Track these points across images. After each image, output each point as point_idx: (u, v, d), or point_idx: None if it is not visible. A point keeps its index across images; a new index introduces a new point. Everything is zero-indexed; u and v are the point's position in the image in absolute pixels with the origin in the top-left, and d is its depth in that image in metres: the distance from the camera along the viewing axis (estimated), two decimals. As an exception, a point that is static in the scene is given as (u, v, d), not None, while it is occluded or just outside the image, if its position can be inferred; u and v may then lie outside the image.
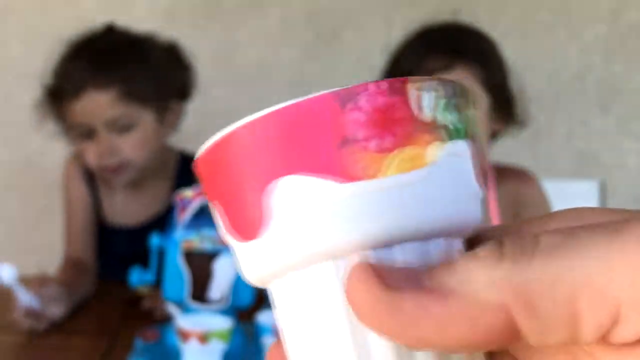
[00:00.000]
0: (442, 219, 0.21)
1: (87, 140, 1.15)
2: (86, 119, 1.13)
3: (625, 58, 1.79)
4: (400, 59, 1.13)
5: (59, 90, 1.15)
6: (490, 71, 1.10)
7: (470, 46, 1.11)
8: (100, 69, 1.13)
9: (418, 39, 1.13)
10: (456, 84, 0.23)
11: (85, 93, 1.11)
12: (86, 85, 1.11)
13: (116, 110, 1.12)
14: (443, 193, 0.21)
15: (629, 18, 1.77)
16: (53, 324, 0.99)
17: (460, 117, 0.22)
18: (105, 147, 1.13)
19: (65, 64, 1.16)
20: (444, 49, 1.08)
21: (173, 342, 0.83)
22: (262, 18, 1.79)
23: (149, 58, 1.18)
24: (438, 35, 1.12)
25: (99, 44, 1.17)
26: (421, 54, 1.09)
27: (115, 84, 1.12)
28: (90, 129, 1.13)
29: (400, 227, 0.21)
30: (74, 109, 1.13)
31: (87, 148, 1.15)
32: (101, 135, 1.13)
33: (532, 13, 1.77)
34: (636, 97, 1.82)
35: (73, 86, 1.12)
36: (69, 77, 1.14)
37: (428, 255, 0.21)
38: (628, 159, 1.84)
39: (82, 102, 1.12)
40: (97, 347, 0.92)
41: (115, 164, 1.15)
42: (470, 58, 1.08)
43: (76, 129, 1.15)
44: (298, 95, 0.20)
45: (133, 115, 1.14)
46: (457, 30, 1.15)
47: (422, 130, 0.21)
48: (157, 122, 1.19)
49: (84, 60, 1.14)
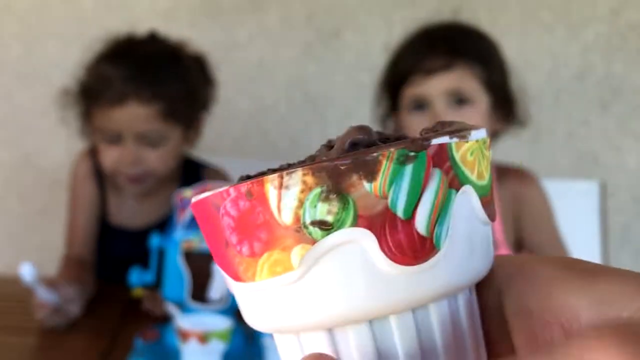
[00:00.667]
0: (325, 315, 0.21)
1: (111, 144, 1.14)
2: (119, 127, 1.12)
3: (625, 58, 1.79)
4: (400, 58, 1.14)
5: (98, 92, 1.13)
6: (490, 70, 1.10)
7: (470, 45, 1.11)
8: (144, 82, 1.11)
9: (418, 38, 1.13)
10: (335, 170, 0.20)
11: (126, 104, 1.10)
12: (129, 95, 1.10)
13: (153, 126, 1.12)
14: (318, 292, 0.21)
15: (628, 18, 1.77)
16: (77, 321, 1.01)
17: (340, 205, 0.20)
18: (131, 157, 1.13)
19: (107, 67, 1.14)
20: (443, 49, 1.08)
21: (173, 342, 0.83)
22: (262, 18, 1.79)
23: (186, 75, 1.18)
24: (438, 35, 1.12)
25: (142, 53, 1.16)
26: (421, 53, 1.09)
27: (158, 100, 1.11)
28: (118, 136, 1.13)
29: (287, 322, 0.22)
30: (109, 115, 1.11)
31: (108, 151, 1.14)
32: (128, 144, 1.13)
33: (532, 13, 1.77)
34: (636, 97, 1.82)
35: (115, 93, 1.11)
36: (110, 82, 1.11)
37: (334, 343, 0.22)
38: (628, 158, 1.84)
39: (121, 111, 1.11)
40: (97, 347, 0.92)
41: (137, 174, 1.15)
42: (470, 57, 1.08)
43: (104, 132, 1.14)
44: (298, 95, 0.20)
45: (166, 132, 1.14)
46: (457, 29, 1.15)
47: (285, 233, 0.21)
48: (183, 137, 1.20)
49: (128, 68, 1.12)
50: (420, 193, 0.21)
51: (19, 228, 1.85)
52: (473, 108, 1.08)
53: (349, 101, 1.83)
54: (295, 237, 0.20)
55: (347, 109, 1.84)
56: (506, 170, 1.18)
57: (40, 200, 1.84)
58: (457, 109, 1.07)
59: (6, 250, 1.84)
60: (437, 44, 1.09)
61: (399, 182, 0.20)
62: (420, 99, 1.08)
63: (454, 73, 1.07)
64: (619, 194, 1.85)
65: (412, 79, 1.08)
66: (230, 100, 1.77)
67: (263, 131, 1.82)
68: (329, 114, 1.84)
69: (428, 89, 1.07)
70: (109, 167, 1.16)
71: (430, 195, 0.21)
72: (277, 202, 0.20)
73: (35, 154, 1.83)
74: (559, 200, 1.21)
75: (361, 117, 1.87)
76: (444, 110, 1.06)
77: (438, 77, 1.06)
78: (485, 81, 1.09)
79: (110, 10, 1.79)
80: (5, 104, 1.81)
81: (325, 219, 0.20)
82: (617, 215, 1.85)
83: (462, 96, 1.07)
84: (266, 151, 1.84)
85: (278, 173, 0.20)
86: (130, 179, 1.15)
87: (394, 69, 1.14)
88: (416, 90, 1.08)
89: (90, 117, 1.16)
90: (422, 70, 1.07)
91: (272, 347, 0.80)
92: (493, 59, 1.12)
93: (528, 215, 1.17)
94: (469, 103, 1.07)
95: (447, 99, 1.07)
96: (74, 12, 1.78)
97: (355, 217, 0.20)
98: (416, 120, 1.09)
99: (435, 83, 1.06)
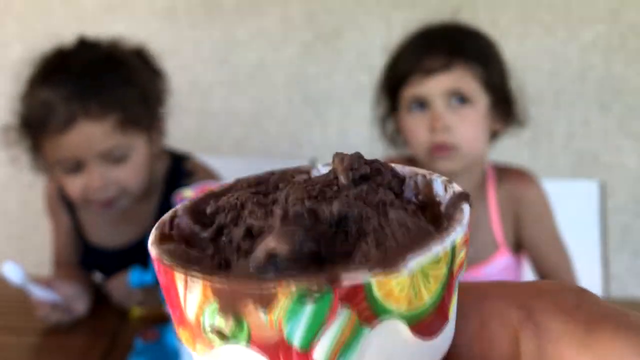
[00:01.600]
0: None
1: (72, 173, 1.03)
2: (76, 153, 1.00)
3: (625, 58, 1.79)
4: (399, 58, 1.13)
5: (42, 121, 1.00)
6: (489, 70, 1.10)
7: (469, 45, 1.11)
8: (88, 96, 0.99)
9: (417, 38, 1.13)
10: (232, 293, 0.19)
11: (76, 125, 0.98)
12: (76, 117, 0.98)
13: (112, 141, 1.01)
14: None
15: (628, 18, 1.77)
16: (77, 321, 1.01)
17: (235, 324, 0.19)
18: (98, 182, 1.02)
19: (43, 90, 1.02)
20: (443, 49, 1.08)
21: (172, 342, 0.84)
22: (261, 18, 1.79)
23: (131, 74, 1.06)
24: (437, 35, 1.12)
25: (76, 64, 1.03)
26: (420, 53, 1.09)
27: (109, 112, 1.00)
28: (78, 162, 1.01)
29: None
30: (60, 143, 0.99)
31: (71, 182, 1.03)
32: (92, 168, 1.01)
33: (532, 13, 1.77)
34: (636, 97, 1.82)
35: (61, 118, 0.99)
36: (52, 106, 0.99)
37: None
38: (628, 158, 1.84)
39: (71, 136, 0.99)
40: (97, 347, 0.92)
41: (109, 198, 1.04)
42: (470, 57, 1.08)
43: (62, 163, 1.02)
44: (297, 95, 0.20)
45: (129, 144, 1.03)
46: (456, 29, 1.15)
47: (191, 324, 0.20)
48: (148, 143, 1.08)
49: (66, 85, 1.00)
50: (322, 331, 0.19)
51: (19, 229, 1.85)
52: (472, 108, 1.08)
53: (349, 101, 1.84)
54: (198, 333, 0.20)
55: (346, 109, 1.85)
56: (506, 170, 1.19)
57: (40, 201, 1.84)
58: (456, 108, 1.07)
59: (6, 251, 1.84)
60: (436, 44, 1.09)
61: (297, 319, 0.18)
62: (419, 98, 1.08)
63: (453, 73, 1.07)
64: (619, 194, 1.85)
65: (411, 79, 1.08)
66: (230, 100, 1.78)
67: (263, 131, 1.82)
68: (329, 114, 1.85)
69: (427, 89, 1.07)
70: (78, 198, 1.04)
71: (333, 332, 0.19)
72: (184, 298, 0.20)
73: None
74: (559, 200, 1.21)
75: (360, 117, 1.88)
76: (443, 110, 1.06)
77: (437, 77, 1.06)
78: (484, 81, 1.09)
79: (110, 10, 1.79)
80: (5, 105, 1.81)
81: (222, 330, 0.19)
82: (617, 215, 1.86)
83: (461, 96, 1.07)
84: (266, 151, 1.84)
85: (184, 271, 0.19)
86: (103, 205, 1.05)
87: (393, 69, 1.14)
88: (415, 91, 1.08)
89: (42, 150, 1.03)
90: (422, 70, 1.07)
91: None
92: (492, 59, 1.12)
93: (528, 216, 1.17)
94: (468, 103, 1.07)
95: (447, 99, 1.07)
96: (75, 12, 1.78)
97: (249, 339, 0.19)
98: (416, 121, 1.09)
99: (434, 83, 1.06)
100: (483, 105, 1.09)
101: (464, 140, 1.07)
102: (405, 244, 0.20)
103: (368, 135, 1.84)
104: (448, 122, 1.06)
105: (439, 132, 1.06)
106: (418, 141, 1.09)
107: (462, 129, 1.07)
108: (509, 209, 1.17)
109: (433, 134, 1.07)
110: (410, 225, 0.21)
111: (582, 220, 1.48)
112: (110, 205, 1.05)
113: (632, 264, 1.89)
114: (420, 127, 1.08)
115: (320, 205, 0.22)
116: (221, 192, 0.25)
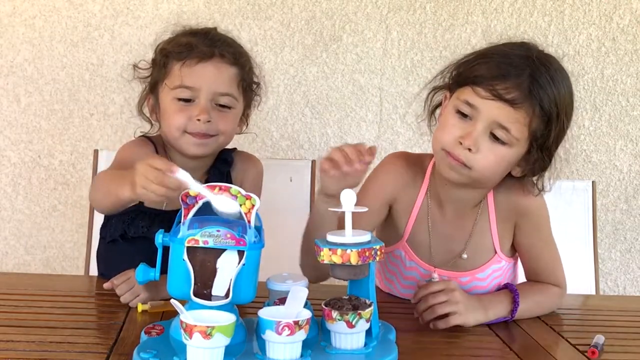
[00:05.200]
0: None
1: (183, 104, 1.17)
2: (199, 83, 1.17)
3: (616, 61, 1.81)
4: (482, 60, 1.08)
5: (185, 51, 1.17)
6: (549, 129, 1.05)
7: (548, 94, 1.04)
8: (226, 46, 1.20)
9: (503, 54, 1.07)
10: None
11: (212, 60, 1.17)
12: (214, 54, 1.17)
13: (230, 88, 1.19)
14: None
15: (619, 22, 1.79)
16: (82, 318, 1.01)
17: None
18: (205, 115, 1.16)
19: (186, 36, 1.21)
20: (522, 82, 1.02)
21: (177, 337, 0.84)
22: (263, 22, 1.82)
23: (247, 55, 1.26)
24: (521, 64, 1.05)
25: (214, 32, 1.23)
26: (500, 72, 1.04)
27: (238, 65, 1.20)
28: (193, 96, 1.17)
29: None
30: (190, 71, 1.17)
31: (180, 112, 1.17)
32: (203, 103, 1.17)
33: (525, 17, 1.79)
34: (627, 99, 1.84)
35: (202, 50, 1.17)
36: (196, 45, 1.17)
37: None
38: (619, 159, 1.86)
39: (206, 67, 1.17)
40: (103, 342, 0.92)
41: (206, 131, 1.17)
42: (541, 107, 1.03)
43: (180, 92, 1.17)
44: (298, 97, 0.22)
45: (236, 99, 1.21)
46: (544, 64, 1.06)
47: None
48: (241, 115, 1.25)
49: (210, 37, 1.20)
50: None
51: (28, 227, 1.86)
52: (506, 149, 1.04)
53: (348, 102, 1.86)
54: None
55: (346, 111, 1.87)
56: (506, 178, 1.14)
57: (48, 200, 1.86)
58: (491, 141, 1.04)
59: (15, 249, 1.86)
60: (517, 74, 1.03)
61: None
62: (470, 107, 1.05)
63: (515, 112, 1.02)
64: (610, 194, 1.87)
65: (480, 87, 1.04)
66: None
67: (264, 132, 1.84)
68: (329, 116, 1.87)
69: (484, 107, 1.03)
70: (179, 127, 1.17)
71: None
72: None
73: (43, 155, 1.85)
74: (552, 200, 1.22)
75: (360, 118, 1.90)
76: (480, 133, 1.03)
77: (500, 104, 1.02)
78: (536, 136, 1.05)
79: (116, 14, 1.81)
80: (15, 107, 1.83)
81: None
82: (609, 214, 1.88)
83: (503, 134, 1.03)
84: (266, 151, 1.86)
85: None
86: (199, 135, 1.17)
87: (472, 63, 1.09)
88: (474, 99, 1.04)
89: (167, 78, 1.19)
90: (494, 90, 1.03)
91: (272, 341, 0.81)
92: (560, 116, 1.06)
93: (526, 225, 1.17)
94: (504, 144, 1.04)
95: (490, 126, 1.04)
96: (81, 16, 1.80)
97: None
98: (455, 126, 1.06)
99: (493, 106, 1.03)
100: (516, 153, 1.06)
101: (481, 168, 1.05)
102: None
103: (367, 135, 1.86)
104: (478, 145, 1.04)
105: (461, 149, 1.04)
106: (442, 142, 1.07)
107: (485, 162, 1.04)
108: (507, 217, 1.16)
109: (456, 146, 1.05)
110: None
111: (574, 219, 1.50)
112: (204, 138, 1.18)
113: (622, 259, 1.91)
114: (452, 134, 1.06)
115: None
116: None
